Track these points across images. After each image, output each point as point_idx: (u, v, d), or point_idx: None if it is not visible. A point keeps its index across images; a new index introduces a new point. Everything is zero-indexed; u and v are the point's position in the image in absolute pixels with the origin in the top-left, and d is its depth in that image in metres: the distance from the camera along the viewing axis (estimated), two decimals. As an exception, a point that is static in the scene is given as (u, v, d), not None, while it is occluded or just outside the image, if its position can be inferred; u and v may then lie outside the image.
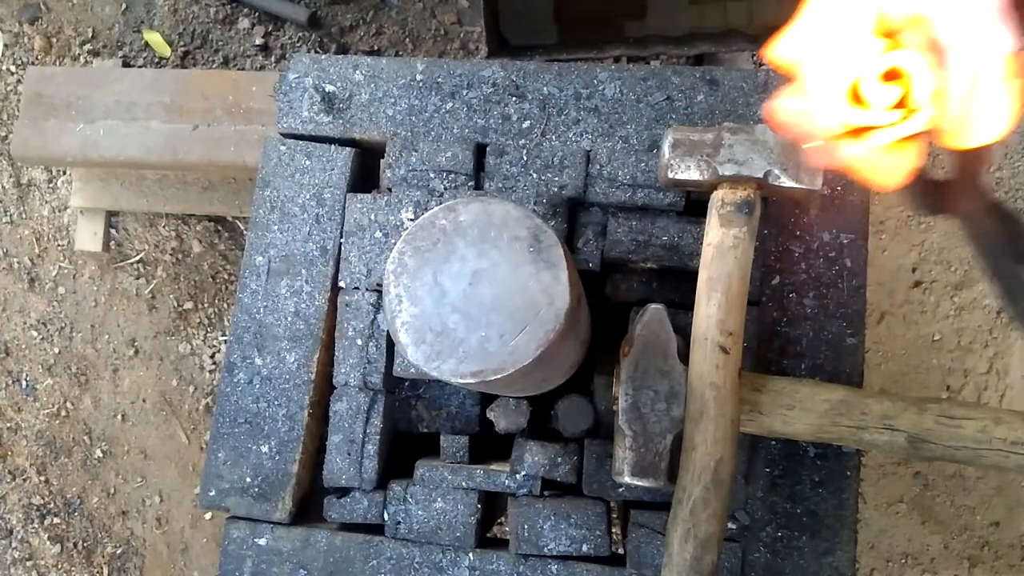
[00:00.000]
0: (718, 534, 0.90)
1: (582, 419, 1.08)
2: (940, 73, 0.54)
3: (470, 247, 0.79)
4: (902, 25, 0.57)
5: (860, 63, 0.57)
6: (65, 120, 1.92)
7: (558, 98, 1.15)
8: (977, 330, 2.02)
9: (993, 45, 0.53)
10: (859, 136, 0.58)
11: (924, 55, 0.55)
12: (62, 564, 2.20)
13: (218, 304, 2.22)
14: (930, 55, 0.55)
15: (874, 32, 0.59)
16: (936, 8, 0.54)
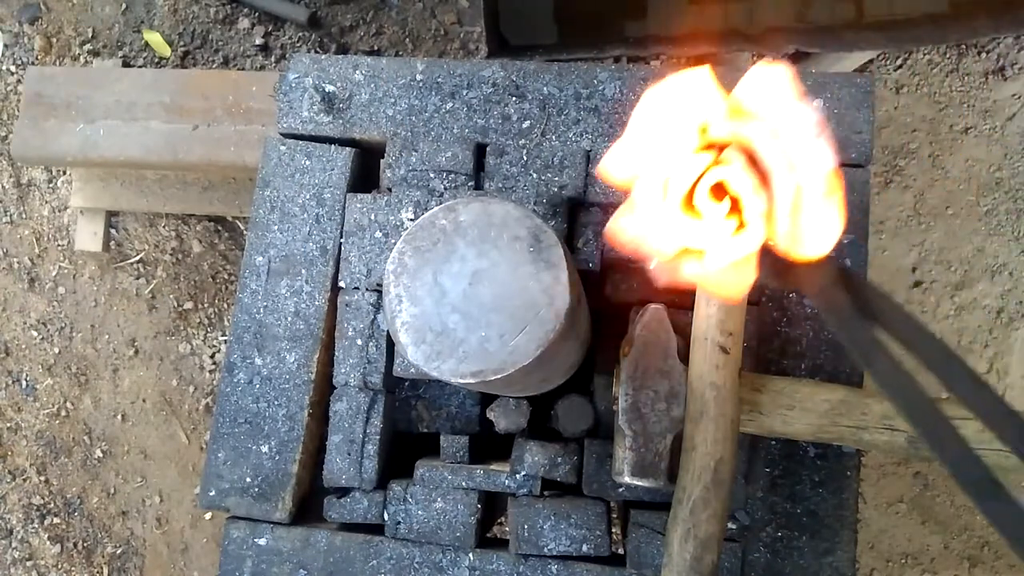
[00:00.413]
0: (718, 534, 0.90)
1: (582, 419, 1.08)
2: (765, 191, 0.55)
3: (470, 247, 0.79)
4: (726, 141, 0.58)
5: (688, 178, 0.58)
6: (65, 120, 1.92)
7: (558, 98, 1.15)
8: (977, 330, 2.02)
9: (814, 163, 0.54)
10: (696, 255, 0.59)
11: (748, 173, 0.56)
12: (62, 564, 2.20)
13: (218, 304, 2.22)
14: (754, 173, 0.56)
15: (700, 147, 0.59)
16: (755, 130, 0.55)
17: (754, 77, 0.56)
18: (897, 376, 0.74)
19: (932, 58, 2.09)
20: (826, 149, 0.54)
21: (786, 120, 0.55)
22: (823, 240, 0.56)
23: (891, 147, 2.08)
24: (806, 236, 0.56)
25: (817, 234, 0.55)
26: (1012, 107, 2.06)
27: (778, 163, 0.54)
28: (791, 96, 0.55)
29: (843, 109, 1.10)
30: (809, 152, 0.54)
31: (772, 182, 0.56)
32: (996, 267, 2.03)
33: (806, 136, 0.54)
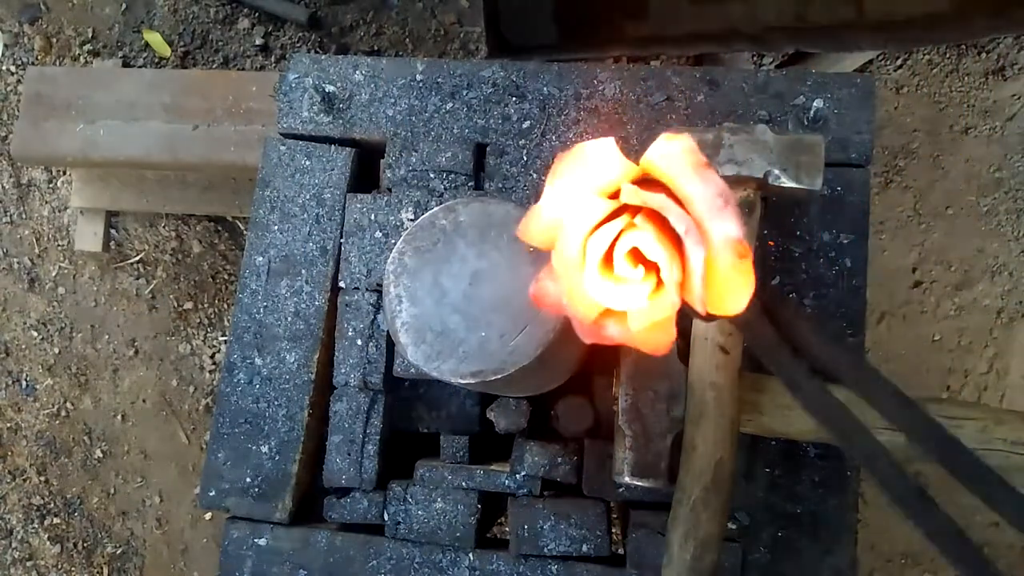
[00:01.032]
0: (718, 534, 0.90)
1: (582, 419, 1.08)
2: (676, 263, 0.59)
3: (470, 247, 0.79)
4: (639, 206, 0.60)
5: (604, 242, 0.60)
6: (65, 120, 1.92)
7: (558, 98, 1.15)
8: (977, 330, 2.02)
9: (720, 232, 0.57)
10: (618, 315, 0.62)
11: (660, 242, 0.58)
12: (62, 564, 2.20)
13: (218, 304, 2.22)
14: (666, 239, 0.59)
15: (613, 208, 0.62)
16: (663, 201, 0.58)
17: (660, 147, 0.59)
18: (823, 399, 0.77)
19: (932, 58, 2.09)
20: (732, 218, 0.57)
21: (693, 190, 0.58)
22: (735, 302, 0.59)
23: (891, 147, 2.08)
24: (719, 298, 0.59)
25: (729, 297, 0.59)
26: (1012, 107, 2.06)
27: (688, 234, 0.57)
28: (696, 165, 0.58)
29: (843, 109, 1.10)
30: (718, 220, 0.57)
31: (685, 250, 0.58)
32: (996, 267, 2.03)
33: (714, 205, 0.57)
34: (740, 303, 0.59)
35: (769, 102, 1.12)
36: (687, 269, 0.58)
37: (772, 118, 1.11)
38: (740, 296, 0.59)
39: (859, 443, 0.77)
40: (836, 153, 1.09)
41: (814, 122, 1.09)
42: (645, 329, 0.60)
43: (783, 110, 1.11)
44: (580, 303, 0.61)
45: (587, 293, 0.61)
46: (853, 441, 0.77)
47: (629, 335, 0.61)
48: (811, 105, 1.08)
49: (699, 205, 0.58)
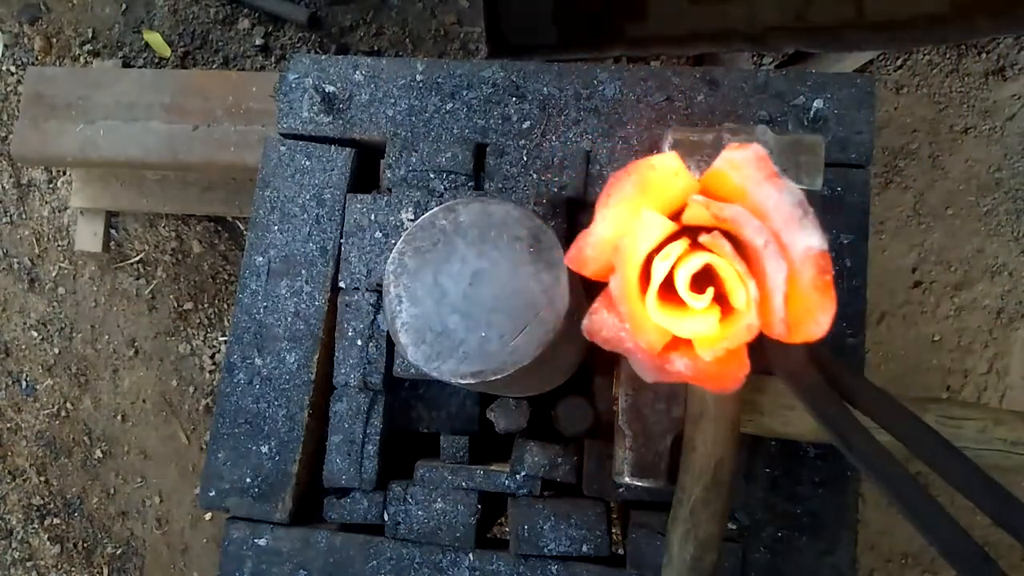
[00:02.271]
0: (718, 534, 0.90)
1: (582, 419, 1.08)
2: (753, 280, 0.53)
3: (470, 247, 0.79)
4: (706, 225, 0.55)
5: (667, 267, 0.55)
6: (65, 120, 1.92)
7: (558, 98, 1.15)
8: (977, 330, 2.02)
9: (801, 245, 0.52)
10: (684, 346, 0.56)
11: (734, 261, 0.53)
12: (62, 564, 2.20)
13: (218, 304, 2.22)
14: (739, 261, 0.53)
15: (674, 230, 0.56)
16: (738, 212, 0.52)
17: (729, 156, 0.54)
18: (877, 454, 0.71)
19: (932, 58, 2.09)
20: (814, 229, 0.52)
21: (769, 200, 0.52)
22: (819, 324, 0.53)
23: (891, 147, 2.08)
24: (799, 321, 0.53)
25: (810, 318, 0.52)
26: (1012, 107, 2.06)
27: (768, 247, 0.51)
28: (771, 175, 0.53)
29: (843, 109, 1.10)
30: (798, 232, 0.52)
31: (762, 266, 0.52)
32: (996, 267, 2.03)
33: (793, 216, 0.52)
34: (822, 326, 0.53)
35: (769, 102, 1.12)
36: (766, 289, 0.52)
37: (772, 118, 1.11)
38: (823, 317, 0.52)
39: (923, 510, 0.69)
40: (836, 153, 1.09)
41: (814, 122, 1.09)
42: (717, 360, 0.54)
43: (783, 110, 1.11)
44: (644, 332, 0.55)
45: (652, 320, 0.55)
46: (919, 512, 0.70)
47: (698, 369, 0.55)
48: (811, 105, 1.08)
49: (776, 216, 0.52)
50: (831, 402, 0.72)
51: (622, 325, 0.56)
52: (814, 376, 0.72)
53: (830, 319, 0.52)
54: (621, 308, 0.55)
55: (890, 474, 0.69)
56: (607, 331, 0.57)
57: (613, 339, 0.57)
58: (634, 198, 0.56)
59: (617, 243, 0.56)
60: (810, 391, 0.73)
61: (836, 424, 0.71)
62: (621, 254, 0.55)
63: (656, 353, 0.55)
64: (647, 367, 0.56)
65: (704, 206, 0.54)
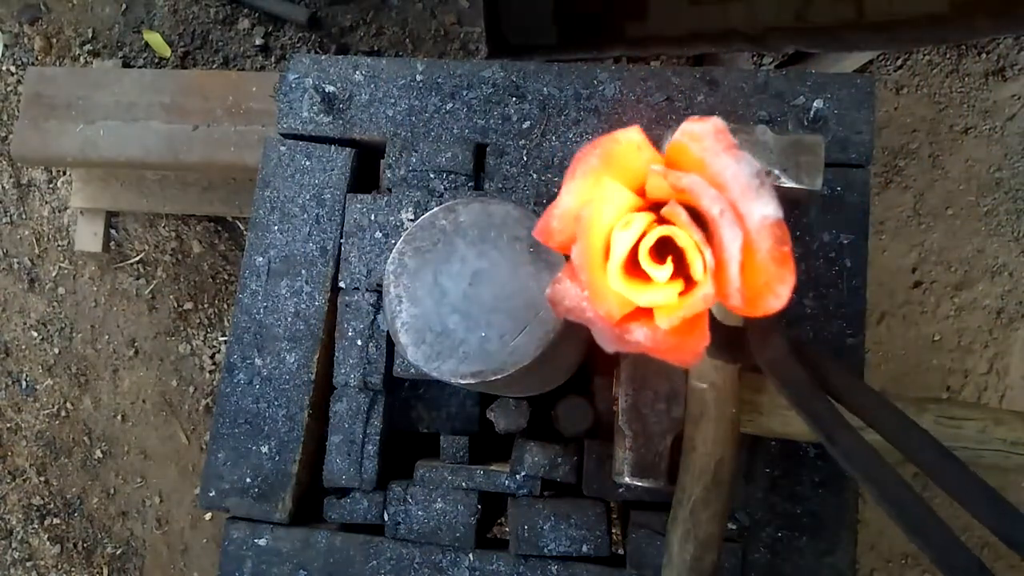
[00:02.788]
0: (718, 534, 0.90)
1: (582, 419, 1.08)
2: (709, 249, 0.53)
3: (470, 247, 0.79)
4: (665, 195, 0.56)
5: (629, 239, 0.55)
6: (65, 120, 1.92)
7: (558, 98, 1.15)
8: (977, 330, 2.02)
9: (757, 215, 0.52)
10: (644, 318, 0.56)
11: (691, 230, 0.53)
12: (62, 564, 2.20)
13: (218, 304, 2.22)
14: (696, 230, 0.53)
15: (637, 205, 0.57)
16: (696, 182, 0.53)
17: (688, 128, 0.55)
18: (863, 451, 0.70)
19: (932, 58, 2.10)
20: (770, 199, 0.52)
21: (726, 171, 0.53)
22: (777, 295, 0.53)
23: (891, 147, 2.08)
24: (757, 294, 0.53)
25: (769, 290, 0.53)
26: (1012, 107, 2.06)
27: (723, 215, 0.52)
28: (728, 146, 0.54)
29: (843, 109, 1.10)
30: (754, 202, 0.52)
31: (718, 235, 0.53)
32: (996, 267, 2.03)
33: (749, 186, 0.52)
34: (780, 298, 0.53)
35: (769, 102, 1.12)
36: (722, 258, 0.53)
37: (772, 118, 1.11)
38: (781, 289, 0.53)
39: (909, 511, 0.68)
40: (836, 153, 1.09)
41: (814, 122, 1.09)
42: (675, 329, 0.55)
43: (783, 110, 1.11)
44: (604, 301, 0.56)
45: (612, 289, 0.56)
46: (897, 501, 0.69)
47: (657, 339, 0.56)
48: (811, 105, 1.08)
49: (733, 187, 0.53)
50: (816, 397, 0.71)
51: (583, 295, 0.57)
52: (797, 370, 0.72)
53: (789, 290, 0.53)
54: (582, 276, 0.56)
55: (876, 474, 0.68)
56: (569, 300, 0.58)
57: (575, 308, 0.58)
58: (599, 171, 0.57)
59: (579, 213, 0.57)
60: (794, 385, 0.72)
61: (821, 420, 0.71)
62: (582, 223, 0.56)
63: (615, 322, 0.56)
64: (606, 336, 0.57)
65: (662, 175, 0.55)
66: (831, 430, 0.70)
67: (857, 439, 0.70)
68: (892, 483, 0.68)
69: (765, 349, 0.71)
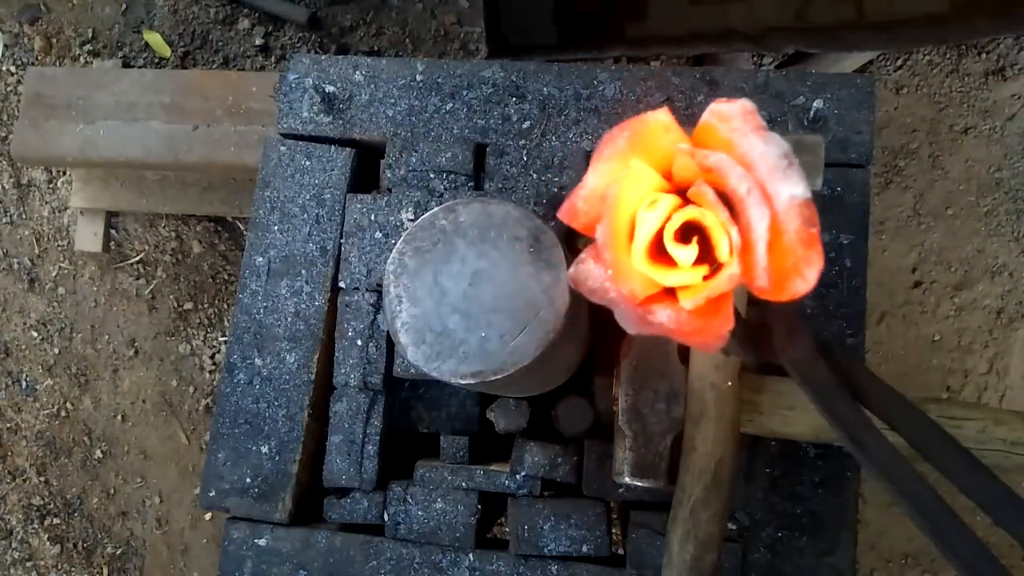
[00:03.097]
0: (718, 534, 0.90)
1: (582, 419, 1.08)
2: (735, 227, 0.52)
3: (470, 247, 0.79)
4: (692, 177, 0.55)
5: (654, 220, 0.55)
6: (65, 120, 1.92)
7: (558, 98, 1.15)
8: (977, 330, 2.02)
9: (785, 194, 0.51)
10: (668, 300, 0.56)
11: (717, 209, 0.53)
12: (62, 564, 2.20)
13: (218, 304, 2.22)
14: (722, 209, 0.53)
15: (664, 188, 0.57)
16: (723, 161, 0.52)
17: (716, 109, 0.54)
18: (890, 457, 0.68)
19: (932, 58, 2.10)
20: (799, 179, 0.51)
21: (754, 151, 0.52)
22: (805, 278, 0.52)
23: (891, 147, 2.08)
24: (784, 276, 0.52)
25: (796, 273, 0.52)
26: (1012, 107, 2.06)
27: (751, 194, 0.51)
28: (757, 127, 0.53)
29: (843, 109, 1.10)
30: (782, 182, 0.52)
31: (745, 215, 0.52)
32: (996, 267, 2.03)
33: (777, 166, 0.52)
34: (808, 280, 0.51)
35: (769, 102, 1.12)
36: (748, 238, 0.51)
37: (772, 118, 1.11)
38: (809, 272, 0.51)
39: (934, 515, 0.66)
40: (836, 153, 1.09)
41: (814, 122, 1.09)
42: (700, 310, 0.54)
43: (783, 110, 1.11)
44: (628, 281, 0.55)
45: (636, 269, 0.55)
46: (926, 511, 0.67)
47: (681, 320, 0.54)
48: (811, 105, 1.08)
49: (761, 167, 0.52)
50: (841, 399, 0.70)
51: (607, 274, 0.56)
52: (823, 370, 0.70)
53: (817, 273, 0.51)
54: (606, 255, 0.55)
55: (902, 478, 0.67)
56: (592, 280, 0.57)
57: (598, 289, 0.57)
58: (626, 152, 0.56)
59: (605, 192, 0.56)
60: (819, 385, 0.70)
61: (846, 422, 0.69)
62: (608, 201, 0.56)
63: (638, 303, 0.55)
64: (629, 317, 0.56)
65: (689, 154, 0.54)
66: (856, 432, 0.69)
67: (883, 442, 0.68)
68: (919, 488, 0.66)
69: (791, 347, 0.70)
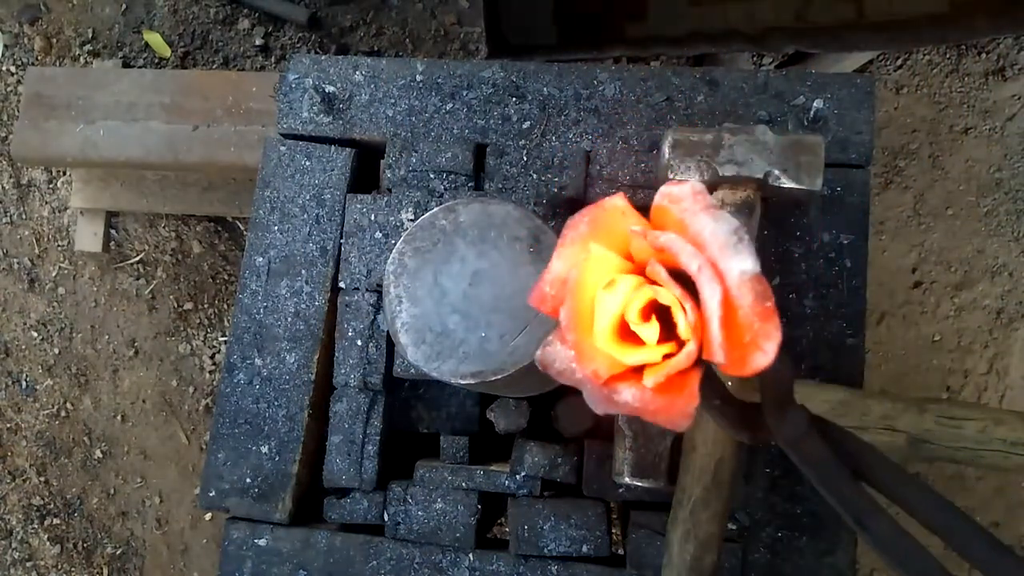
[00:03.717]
0: (718, 534, 0.90)
1: (582, 419, 1.08)
2: (690, 303, 0.54)
3: (470, 247, 0.79)
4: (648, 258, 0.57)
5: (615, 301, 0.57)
6: (65, 120, 1.92)
7: (558, 98, 1.15)
8: (977, 330, 2.02)
9: (735, 270, 0.53)
10: (635, 379, 0.57)
11: (670, 286, 0.55)
12: (62, 564, 2.20)
13: (218, 304, 2.22)
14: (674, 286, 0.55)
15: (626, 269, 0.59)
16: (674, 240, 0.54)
17: (667, 192, 0.56)
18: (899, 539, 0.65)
19: (932, 58, 2.09)
20: (749, 254, 0.53)
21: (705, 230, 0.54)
22: (765, 352, 0.52)
23: (891, 147, 2.08)
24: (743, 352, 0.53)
25: (757, 347, 0.53)
26: (1012, 108, 2.06)
27: (701, 271, 0.53)
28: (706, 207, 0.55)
29: (843, 109, 1.10)
30: (732, 258, 0.53)
31: (700, 293, 0.54)
32: (996, 268, 2.03)
33: (727, 243, 0.53)
34: (767, 354, 0.52)
35: (769, 102, 1.12)
36: (703, 315, 0.53)
37: (772, 118, 1.11)
38: (768, 345, 0.52)
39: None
40: (836, 153, 1.09)
41: (814, 122, 1.09)
42: (662, 387, 0.55)
43: (783, 110, 1.11)
44: (591, 361, 0.57)
45: (599, 349, 0.56)
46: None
47: (645, 399, 0.56)
48: (811, 105, 1.08)
49: (712, 244, 0.54)
50: (841, 477, 0.67)
51: (572, 356, 0.58)
52: (819, 447, 0.68)
53: (775, 346, 0.52)
54: (569, 337, 0.57)
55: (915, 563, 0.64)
56: (559, 363, 0.59)
57: (566, 370, 0.59)
58: (587, 237, 0.59)
59: (566, 276, 0.59)
60: (816, 464, 0.68)
61: (848, 503, 0.67)
62: (569, 285, 0.58)
63: (602, 381, 0.57)
64: (595, 396, 0.57)
65: (641, 235, 0.56)
66: (861, 514, 0.66)
67: (891, 524, 0.66)
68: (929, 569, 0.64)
69: (783, 425, 0.68)
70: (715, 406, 0.68)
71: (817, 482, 0.68)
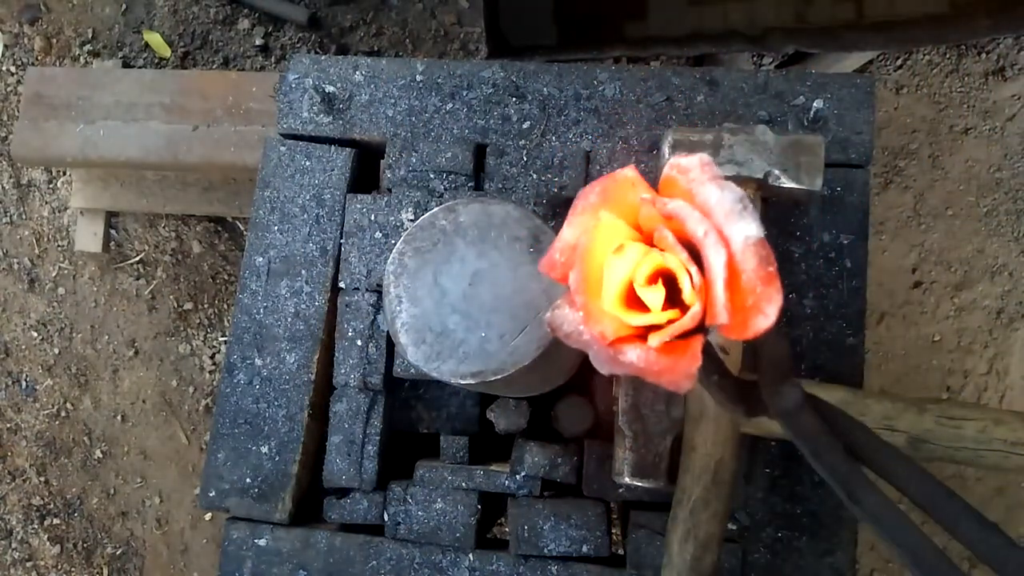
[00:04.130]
0: (718, 535, 0.90)
1: (582, 419, 1.08)
2: (695, 267, 0.56)
3: (470, 248, 0.79)
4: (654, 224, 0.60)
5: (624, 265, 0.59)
6: (65, 120, 1.92)
7: (558, 99, 1.15)
8: (977, 331, 2.02)
9: (740, 235, 0.55)
10: (638, 340, 0.59)
11: (676, 250, 0.57)
12: (62, 565, 2.20)
13: (218, 304, 2.22)
14: (680, 250, 0.57)
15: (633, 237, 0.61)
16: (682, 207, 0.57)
17: (676, 162, 0.59)
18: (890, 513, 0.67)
19: (932, 58, 2.09)
20: (752, 220, 0.55)
21: (711, 198, 0.57)
22: (766, 314, 0.54)
23: (891, 147, 2.08)
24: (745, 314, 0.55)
25: (759, 309, 0.54)
26: (1012, 108, 2.06)
27: (707, 235, 0.55)
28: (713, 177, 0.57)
29: (843, 109, 1.10)
30: (737, 223, 0.55)
31: (705, 257, 0.56)
32: (996, 268, 2.03)
33: (733, 210, 0.56)
34: (768, 316, 0.54)
35: (769, 102, 1.12)
36: (708, 278, 0.55)
37: (772, 118, 1.11)
38: (769, 308, 0.54)
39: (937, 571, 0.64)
40: (836, 153, 1.09)
41: (814, 122, 1.09)
42: (666, 348, 0.57)
43: (783, 110, 1.11)
44: (598, 323, 0.59)
45: (606, 311, 0.59)
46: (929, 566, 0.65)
47: (649, 359, 0.57)
48: (811, 105, 1.08)
49: (718, 212, 0.56)
50: (833, 451, 0.69)
51: (580, 318, 0.60)
52: (812, 421, 0.70)
53: (776, 309, 0.54)
54: (578, 299, 0.60)
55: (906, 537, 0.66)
56: (567, 325, 0.61)
57: (573, 332, 0.61)
58: (597, 206, 0.62)
59: (577, 243, 0.61)
60: (808, 437, 0.70)
61: (840, 476, 0.68)
62: (579, 250, 0.61)
63: (609, 342, 0.59)
64: (601, 357, 0.59)
65: (650, 203, 0.59)
66: (852, 488, 0.68)
67: (882, 498, 0.67)
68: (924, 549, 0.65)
69: (779, 398, 0.70)
70: (714, 381, 0.70)
71: (810, 456, 0.70)
